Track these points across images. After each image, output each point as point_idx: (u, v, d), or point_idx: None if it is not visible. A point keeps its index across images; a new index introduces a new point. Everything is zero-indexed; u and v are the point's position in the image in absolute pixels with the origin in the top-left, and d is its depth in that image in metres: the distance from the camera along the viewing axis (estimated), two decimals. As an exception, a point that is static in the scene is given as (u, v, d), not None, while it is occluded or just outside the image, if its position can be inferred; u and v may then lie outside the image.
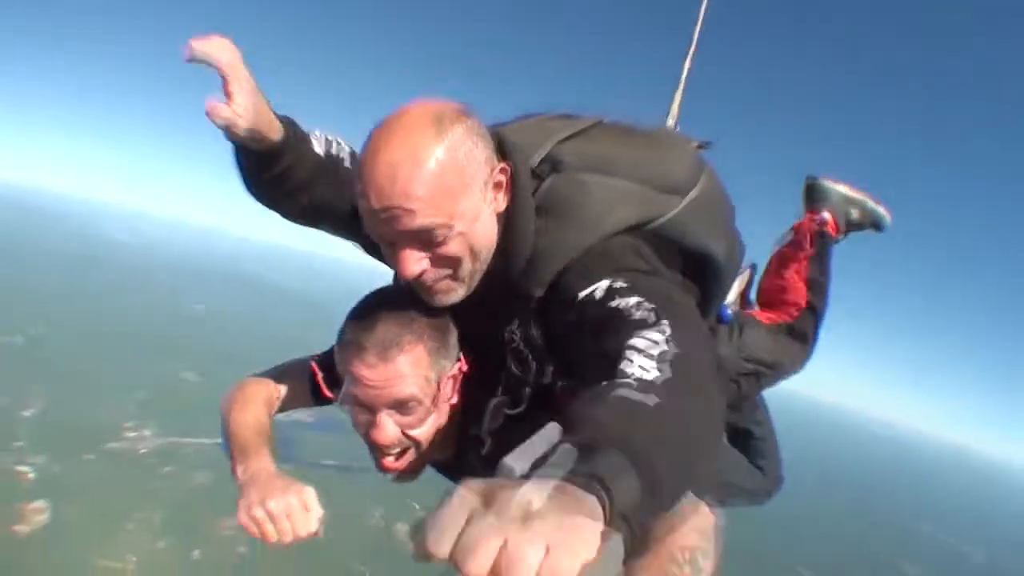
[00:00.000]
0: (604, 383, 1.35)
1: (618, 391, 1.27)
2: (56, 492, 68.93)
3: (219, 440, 5.99)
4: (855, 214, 3.78)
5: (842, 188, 3.77)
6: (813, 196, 3.77)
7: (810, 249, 3.54)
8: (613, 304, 1.71)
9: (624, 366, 1.39)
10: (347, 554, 72.96)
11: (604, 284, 1.79)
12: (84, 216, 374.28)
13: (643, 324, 1.57)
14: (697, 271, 2.35)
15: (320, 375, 2.39)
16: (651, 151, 2.33)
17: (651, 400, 1.24)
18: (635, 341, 1.48)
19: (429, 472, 4.15)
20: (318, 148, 2.21)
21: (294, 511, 1.96)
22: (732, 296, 3.41)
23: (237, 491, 2.33)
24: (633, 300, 1.68)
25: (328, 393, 2.37)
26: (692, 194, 2.28)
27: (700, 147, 2.60)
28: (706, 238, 2.32)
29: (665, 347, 1.44)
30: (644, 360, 1.40)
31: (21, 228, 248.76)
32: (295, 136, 2.08)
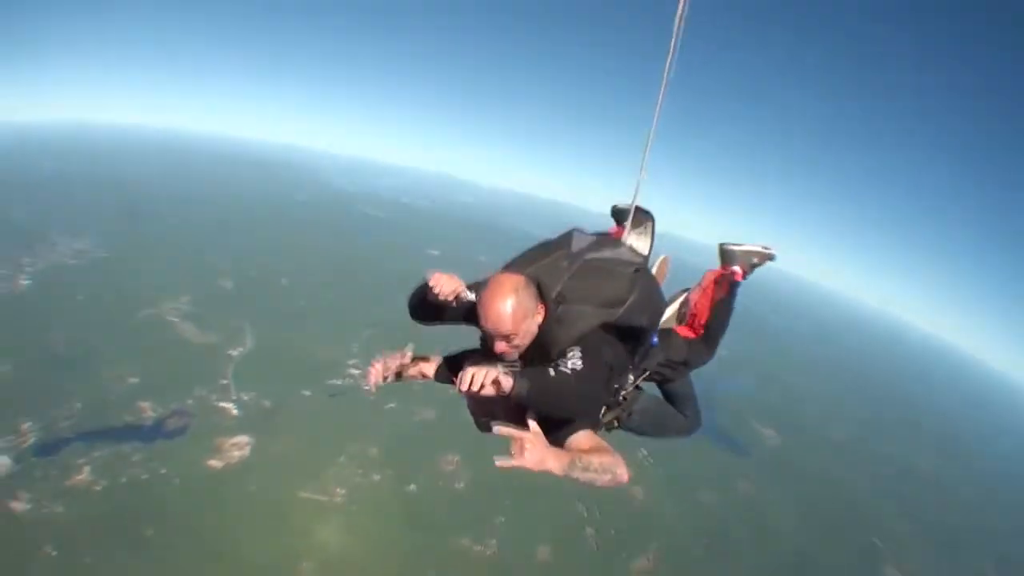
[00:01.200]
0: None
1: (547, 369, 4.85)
2: (261, 428, 73.89)
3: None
4: (755, 259, 7.03)
5: (744, 247, 7.02)
6: (724, 258, 7.09)
7: (721, 292, 7.03)
8: (567, 356, 5.06)
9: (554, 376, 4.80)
10: (571, 492, 74.10)
11: (574, 352, 5.09)
12: (310, 167, 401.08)
13: (573, 357, 5.03)
14: (633, 331, 5.67)
15: None
16: (606, 285, 5.42)
17: (555, 372, 4.83)
18: (565, 362, 4.95)
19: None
20: None
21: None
22: (668, 315, 7.27)
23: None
24: (577, 352, 5.06)
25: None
26: (628, 301, 5.43)
27: (637, 270, 5.68)
28: (637, 319, 5.56)
29: (577, 365, 4.92)
30: (563, 366, 4.89)
31: (244, 179, 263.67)
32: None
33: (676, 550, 73.15)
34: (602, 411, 6.20)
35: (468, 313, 5.74)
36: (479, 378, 4.50)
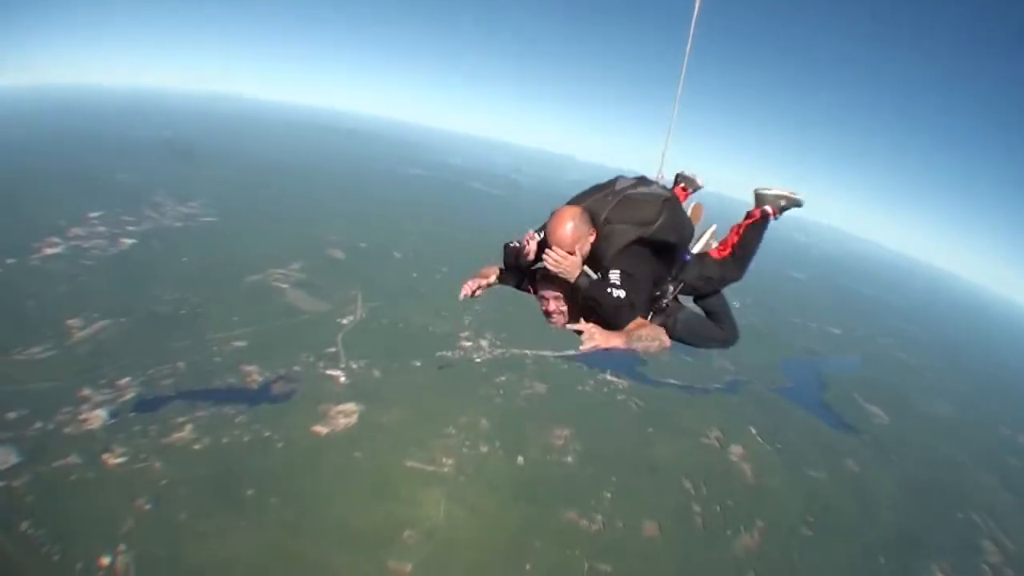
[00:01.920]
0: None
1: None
2: (369, 396, 72.33)
3: (562, 352, 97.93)
4: (783, 202, 8.06)
5: (775, 191, 8.11)
6: (758, 200, 8.16)
7: (755, 218, 8.06)
8: (610, 274, 6.90)
9: (604, 291, 6.85)
10: (678, 468, 71.98)
11: (615, 269, 6.92)
12: (424, 144, 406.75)
13: (613, 277, 6.90)
14: (666, 247, 7.38)
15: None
16: (642, 210, 7.27)
17: (609, 297, 6.86)
18: (607, 286, 6.87)
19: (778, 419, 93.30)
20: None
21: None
22: (703, 244, 8.50)
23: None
24: (617, 273, 6.89)
25: None
26: (659, 221, 7.23)
27: (666, 200, 7.44)
28: (666, 236, 7.32)
29: (616, 284, 6.84)
30: (610, 291, 6.84)
31: (357, 153, 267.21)
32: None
33: (782, 528, 70.76)
34: (648, 315, 7.79)
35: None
36: (559, 259, 6.95)
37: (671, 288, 7.90)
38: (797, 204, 8.14)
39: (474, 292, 8.76)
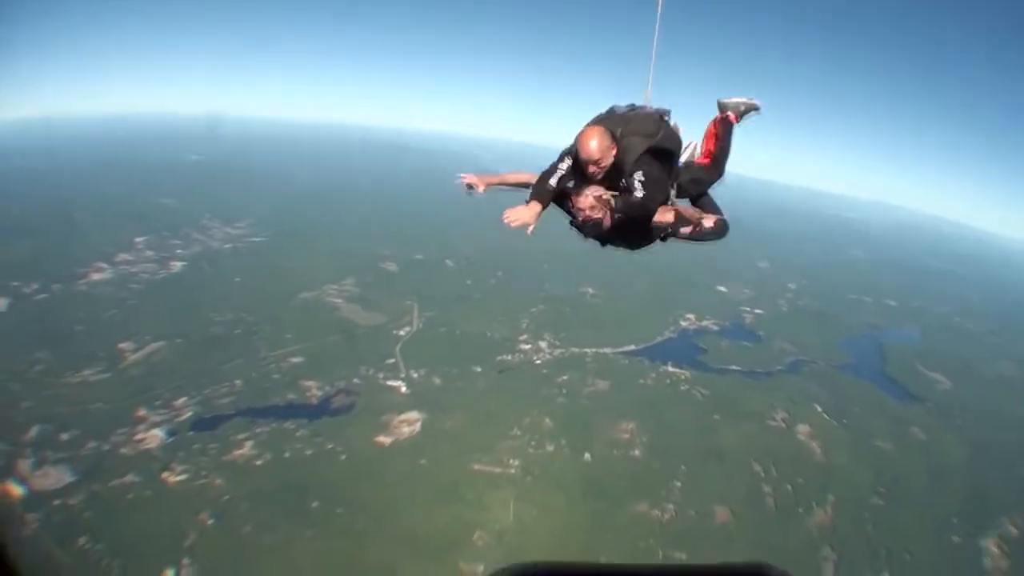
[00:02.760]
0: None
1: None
2: (431, 404, 72.32)
3: (622, 348, 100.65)
4: (743, 108, 9.54)
5: (733, 99, 9.70)
6: (721, 107, 9.66)
7: (720, 130, 9.61)
8: (634, 177, 8.17)
9: (634, 190, 8.15)
10: (746, 452, 71.36)
11: (637, 172, 8.18)
12: (466, 154, 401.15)
13: (637, 179, 8.16)
14: (667, 154, 8.70)
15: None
16: (645, 124, 8.57)
17: (639, 195, 8.16)
18: (635, 185, 8.14)
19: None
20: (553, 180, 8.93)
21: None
22: (687, 156, 9.67)
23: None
24: (639, 175, 8.16)
25: None
26: (660, 132, 8.56)
27: (662, 117, 8.87)
28: (667, 144, 8.66)
29: (642, 190, 8.12)
30: (638, 190, 8.12)
31: (400, 167, 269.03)
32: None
33: (853, 500, 70.59)
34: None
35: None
36: (593, 203, 8.38)
37: (672, 191, 9.29)
38: (755, 108, 9.79)
39: (480, 186, 10.06)
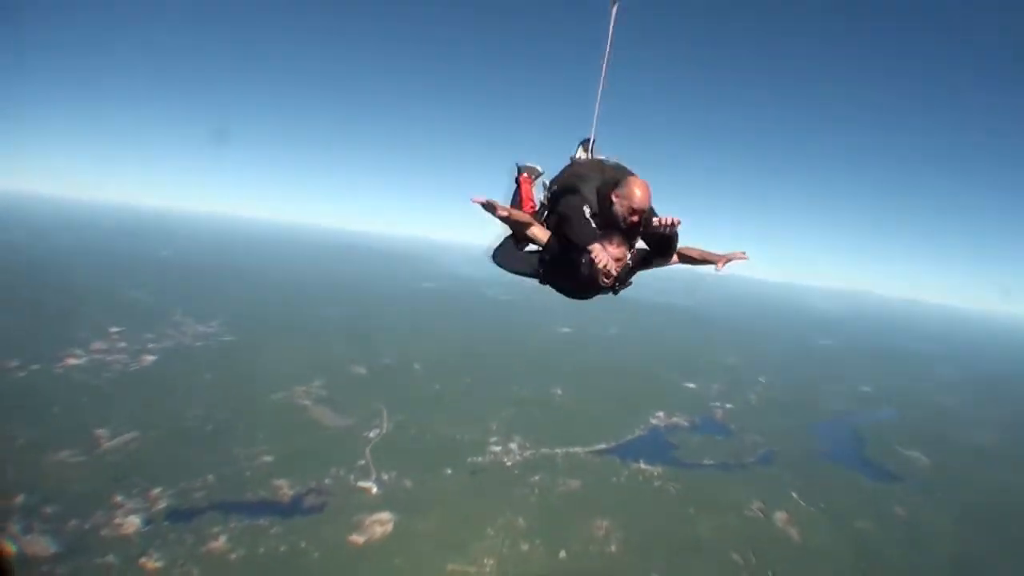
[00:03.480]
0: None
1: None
2: (403, 505, 73.00)
3: (592, 447, 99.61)
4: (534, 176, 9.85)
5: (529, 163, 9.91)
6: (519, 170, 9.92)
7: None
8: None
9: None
10: (724, 543, 72.10)
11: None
12: (434, 258, 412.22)
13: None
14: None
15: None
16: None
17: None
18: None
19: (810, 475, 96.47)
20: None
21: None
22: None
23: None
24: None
25: None
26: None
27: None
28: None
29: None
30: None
31: (368, 271, 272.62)
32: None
33: None
34: None
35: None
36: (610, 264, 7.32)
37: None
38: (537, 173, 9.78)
39: (495, 209, 8.19)
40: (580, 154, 9.97)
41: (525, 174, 9.82)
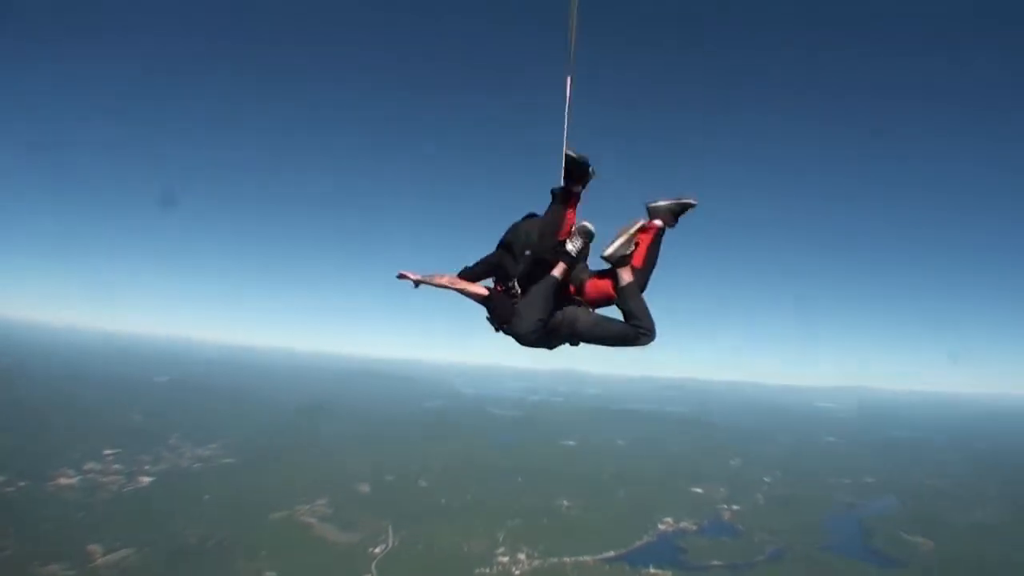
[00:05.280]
0: None
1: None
2: None
3: (601, 555, 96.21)
4: (675, 208, 9.12)
5: (662, 202, 9.16)
6: (650, 212, 9.16)
7: (647, 235, 9.05)
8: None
9: None
10: None
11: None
12: (435, 379, 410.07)
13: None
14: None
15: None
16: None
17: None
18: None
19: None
20: None
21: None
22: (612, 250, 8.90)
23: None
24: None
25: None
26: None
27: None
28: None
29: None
30: None
31: (369, 392, 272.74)
32: None
33: None
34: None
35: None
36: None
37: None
38: (690, 205, 9.14)
39: (417, 283, 9.32)
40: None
41: (658, 220, 9.33)
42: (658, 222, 9.05)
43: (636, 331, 8.62)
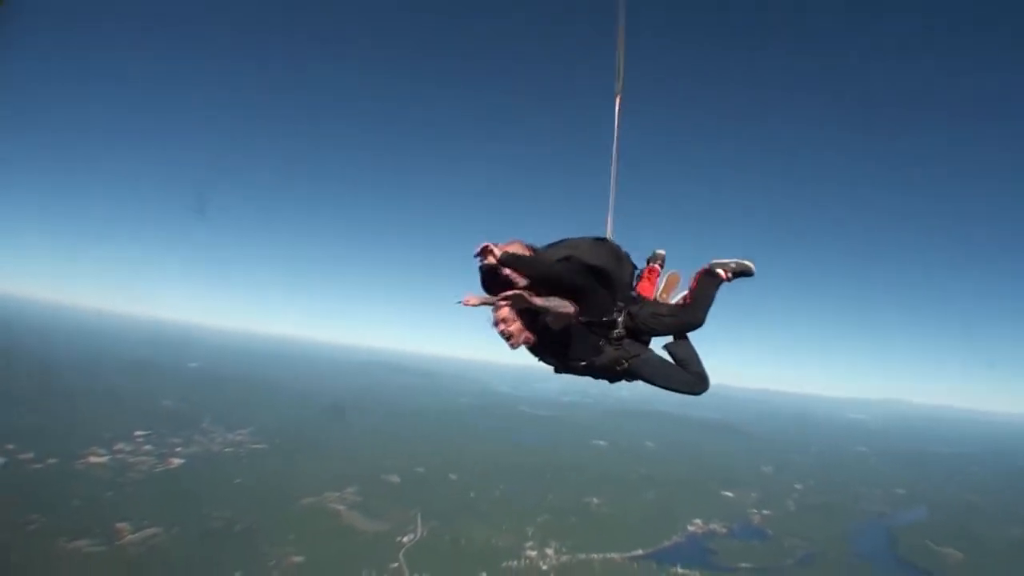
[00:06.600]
0: None
1: None
2: None
3: (629, 553, 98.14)
4: (733, 266, 9.03)
5: (724, 260, 9.09)
6: (713, 266, 9.10)
7: (702, 277, 9.08)
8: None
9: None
10: None
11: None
12: (470, 376, 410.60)
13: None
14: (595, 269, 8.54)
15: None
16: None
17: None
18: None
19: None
20: None
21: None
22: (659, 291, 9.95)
23: None
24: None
25: None
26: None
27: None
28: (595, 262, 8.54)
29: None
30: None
31: (403, 387, 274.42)
32: None
33: None
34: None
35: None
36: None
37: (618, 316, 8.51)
38: (748, 272, 9.14)
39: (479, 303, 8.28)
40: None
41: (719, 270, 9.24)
42: (720, 271, 9.05)
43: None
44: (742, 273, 9.12)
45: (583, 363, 8.40)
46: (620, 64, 8.62)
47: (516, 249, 7.66)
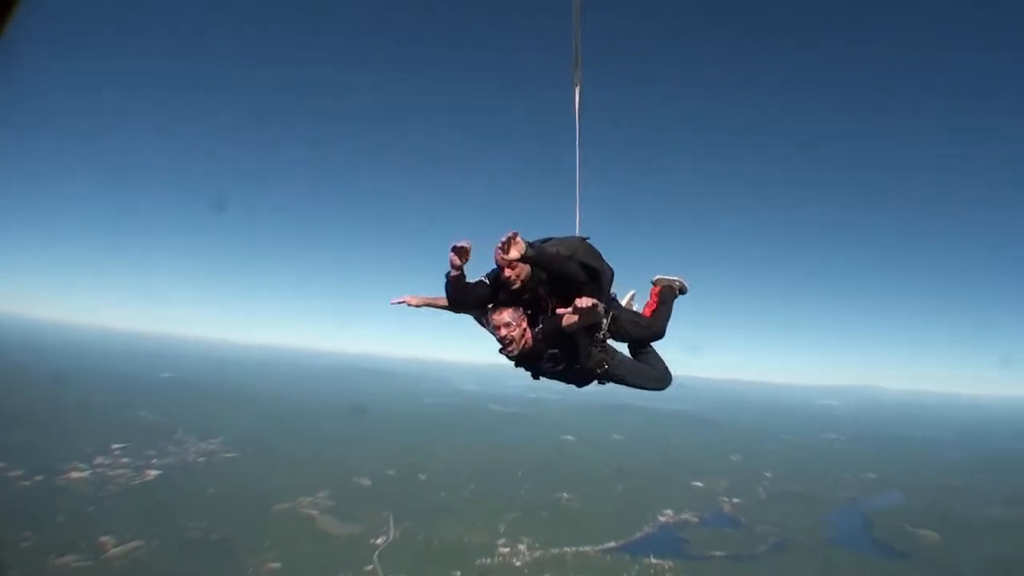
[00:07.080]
0: None
1: None
2: None
3: (602, 546, 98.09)
4: (676, 284, 9.92)
5: (670, 277, 9.98)
6: (657, 283, 9.93)
7: (660, 294, 9.81)
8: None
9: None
10: None
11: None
12: (435, 376, 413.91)
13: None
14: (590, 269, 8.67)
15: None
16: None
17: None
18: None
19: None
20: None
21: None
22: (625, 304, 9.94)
23: None
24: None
25: None
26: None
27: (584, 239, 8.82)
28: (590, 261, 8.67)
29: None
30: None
31: (369, 390, 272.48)
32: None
33: None
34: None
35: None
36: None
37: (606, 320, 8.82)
38: (683, 291, 9.98)
39: (413, 302, 9.08)
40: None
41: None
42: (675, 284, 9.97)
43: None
44: (683, 291, 9.92)
45: (570, 367, 8.58)
46: (576, 53, 7.87)
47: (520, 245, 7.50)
